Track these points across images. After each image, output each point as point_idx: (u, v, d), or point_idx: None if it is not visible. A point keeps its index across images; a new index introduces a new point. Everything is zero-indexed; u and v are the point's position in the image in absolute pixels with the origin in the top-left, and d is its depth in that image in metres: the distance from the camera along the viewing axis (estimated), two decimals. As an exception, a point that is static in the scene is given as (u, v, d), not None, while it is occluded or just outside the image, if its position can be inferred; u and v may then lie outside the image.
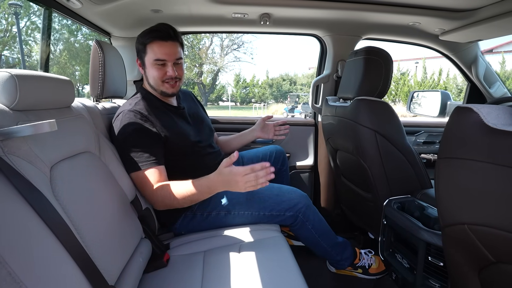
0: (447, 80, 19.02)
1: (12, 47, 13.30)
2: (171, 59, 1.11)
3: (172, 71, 1.12)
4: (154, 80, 1.13)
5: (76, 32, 14.66)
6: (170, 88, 1.15)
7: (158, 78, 1.12)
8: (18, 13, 9.44)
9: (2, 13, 12.72)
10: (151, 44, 1.09)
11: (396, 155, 1.13)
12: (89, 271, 0.62)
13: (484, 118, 0.50)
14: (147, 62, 1.12)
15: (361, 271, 1.36)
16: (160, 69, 1.11)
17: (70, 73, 15.08)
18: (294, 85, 29.35)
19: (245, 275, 0.88)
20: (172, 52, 1.11)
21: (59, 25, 14.45)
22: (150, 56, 1.10)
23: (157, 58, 1.10)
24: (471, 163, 0.52)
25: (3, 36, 12.95)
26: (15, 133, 0.58)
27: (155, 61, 1.10)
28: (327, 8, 1.41)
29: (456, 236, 0.59)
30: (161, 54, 1.10)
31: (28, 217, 0.55)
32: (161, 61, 1.10)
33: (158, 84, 1.14)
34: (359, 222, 1.51)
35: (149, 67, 1.12)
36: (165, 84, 1.14)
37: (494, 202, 0.50)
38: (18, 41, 12.64)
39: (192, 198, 1.00)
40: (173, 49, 1.11)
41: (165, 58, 1.10)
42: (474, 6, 1.29)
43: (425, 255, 0.88)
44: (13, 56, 13.65)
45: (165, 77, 1.12)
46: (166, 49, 1.10)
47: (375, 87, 1.16)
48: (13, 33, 12.97)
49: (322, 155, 1.83)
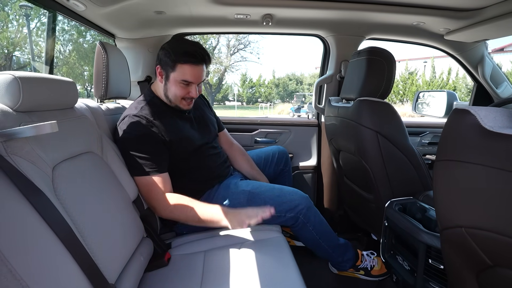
0: (456, 79, 18.72)
1: (23, 47, 13.57)
2: (198, 82, 1.13)
3: (195, 92, 1.14)
4: (174, 96, 1.14)
5: (85, 33, 14.87)
6: (187, 106, 1.17)
7: (180, 96, 1.13)
8: (28, 14, 9.62)
9: (13, 14, 12.99)
10: (183, 65, 1.08)
11: (398, 156, 1.12)
12: (89, 270, 0.64)
13: (481, 121, 0.50)
14: (173, 78, 1.11)
15: (363, 272, 1.35)
16: (184, 88, 1.12)
17: (79, 73, 15.32)
18: (301, 84, 29.27)
19: (244, 275, 0.88)
20: (200, 76, 1.12)
21: (68, 26, 14.69)
22: (179, 75, 1.10)
23: (185, 79, 1.10)
24: (468, 166, 0.52)
25: (14, 37, 13.22)
26: (17, 134, 0.60)
27: (182, 81, 1.11)
28: (330, 9, 1.40)
29: (454, 239, 0.59)
30: (190, 76, 1.10)
31: (29, 216, 0.56)
32: (188, 82, 1.11)
33: (176, 100, 1.15)
34: (361, 224, 1.51)
35: (173, 83, 1.11)
36: (183, 101, 1.15)
37: (491, 205, 0.49)
38: (28, 42, 12.88)
39: (203, 219, 1.04)
40: (202, 72, 1.12)
41: (193, 81, 1.12)
42: (480, 5, 1.27)
43: (426, 258, 0.87)
44: (24, 56, 13.92)
45: (187, 96, 1.14)
46: (196, 72, 1.11)
47: (378, 88, 1.15)
48: (23, 34, 13.23)
49: (325, 155, 1.83)
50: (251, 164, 1.45)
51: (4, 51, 12.92)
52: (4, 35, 12.70)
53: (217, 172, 1.26)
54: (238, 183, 1.23)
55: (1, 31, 12.76)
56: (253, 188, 1.20)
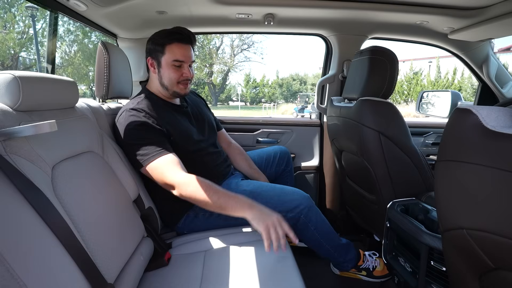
0: (461, 79, 18.55)
1: (29, 48, 13.72)
2: (188, 61, 1.17)
3: (188, 72, 1.18)
4: (169, 81, 1.17)
5: (90, 34, 15.00)
6: (184, 89, 1.20)
7: (175, 78, 1.16)
8: (34, 15, 9.72)
9: (19, 15, 13.14)
10: (171, 45, 1.14)
11: (401, 157, 1.10)
12: (88, 269, 0.64)
13: (483, 120, 0.49)
14: (164, 62, 1.15)
15: (365, 273, 1.34)
16: (177, 70, 1.16)
17: (83, 74, 15.45)
18: (304, 85, 29.21)
19: (243, 275, 0.88)
20: (190, 55, 1.17)
21: (73, 27, 14.83)
22: (169, 56, 1.14)
23: (177, 59, 1.14)
24: (470, 166, 0.51)
25: (21, 38, 13.37)
26: (17, 133, 0.60)
27: (173, 62, 1.14)
28: (332, 8, 1.39)
29: (455, 241, 0.58)
30: (180, 55, 1.14)
31: (28, 215, 0.56)
32: (179, 62, 1.15)
33: (173, 85, 1.17)
34: (364, 224, 1.49)
35: (165, 67, 1.16)
36: (180, 85, 1.18)
37: (493, 207, 0.48)
38: (34, 42, 13.04)
39: (216, 197, 0.96)
40: (190, 52, 1.17)
41: (184, 60, 1.15)
42: (484, 4, 1.26)
43: (428, 260, 0.86)
44: (30, 57, 14.08)
45: (181, 78, 1.17)
46: (185, 51, 1.15)
47: (380, 88, 1.14)
48: (29, 35, 13.38)
49: (327, 156, 1.82)
50: (250, 163, 1.45)
51: (10, 51, 13.08)
52: (10, 36, 12.86)
53: (217, 171, 1.26)
54: (239, 183, 1.23)
55: (7, 32, 12.91)
56: (254, 188, 1.19)
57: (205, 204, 0.98)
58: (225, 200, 0.97)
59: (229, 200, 0.97)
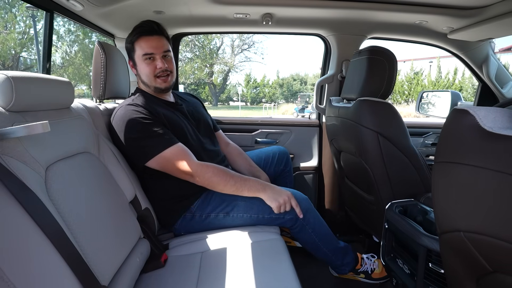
0: (462, 79, 18.50)
1: (29, 48, 13.74)
2: (159, 51, 1.15)
3: (161, 63, 1.15)
4: (146, 76, 1.17)
5: (90, 34, 15.01)
6: (163, 83, 1.18)
7: (150, 73, 1.16)
8: (35, 15, 9.74)
9: (20, 16, 13.16)
10: (138, 41, 1.14)
11: (399, 158, 1.10)
12: (81, 271, 0.63)
13: (480, 121, 0.48)
14: (137, 59, 1.16)
15: (364, 276, 1.33)
16: (150, 64, 1.15)
17: (84, 74, 15.46)
18: (305, 85, 29.21)
19: (239, 276, 0.87)
20: (159, 45, 1.15)
21: (74, 27, 14.84)
22: (139, 52, 1.15)
23: (145, 52, 1.14)
24: (467, 168, 0.50)
25: (22, 38, 13.38)
26: (8, 134, 0.59)
27: (143, 56, 1.14)
28: (331, 7, 1.38)
29: (452, 244, 0.57)
30: (148, 48, 1.14)
31: (19, 217, 0.56)
32: (149, 55, 1.14)
33: (151, 80, 1.17)
34: (363, 225, 1.49)
35: (139, 63, 1.16)
36: (157, 79, 1.17)
37: (490, 209, 0.47)
38: (35, 43, 13.04)
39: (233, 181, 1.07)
40: (159, 42, 1.15)
41: (153, 52, 1.14)
42: (484, 3, 1.25)
43: (426, 262, 0.85)
44: (31, 57, 14.10)
45: (156, 71, 1.16)
46: (152, 43, 1.14)
47: (379, 88, 1.13)
48: (30, 35, 13.39)
49: (326, 156, 1.81)
50: (250, 162, 1.44)
51: (11, 52, 13.10)
52: (11, 36, 12.87)
53: None
54: (237, 184, 1.22)
55: (8, 32, 12.93)
56: (252, 189, 1.18)
57: (223, 189, 1.07)
58: (241, 184, 1.07)
59: (245, 183, 1.08)
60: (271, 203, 1.07)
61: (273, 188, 1.09)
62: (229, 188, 1.07)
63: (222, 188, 1.07)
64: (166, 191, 1.15)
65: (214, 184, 1.07)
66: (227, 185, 1.06)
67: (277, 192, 1.08)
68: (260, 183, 1.10)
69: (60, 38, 15.20)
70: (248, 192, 1.08)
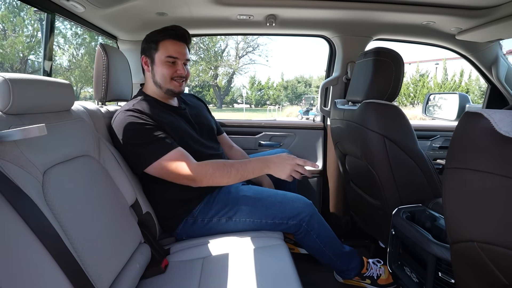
0: (469, 81, 18.32)
1: (37, 51, 13.94)
2: (182, 58, 1.16)
3: (182, 69, 1.16)
4: (162, 77, 1.15)
5: (97, 37, 15.19)
6: (178, 87, 1.18)
7: (168, 75, 1.15)
8: (42, 19, 9.87)
9: (28, 19, 13.37)
10: (164, 42, 1.13)
11: (407, 162, 1.06)
12: (77, 279, 0.61)
13: (496, 125, 0.45)
14: (158, 58, 1.14)
15: (370, 281, 1.29)
16: (170, 67, 1.15)
17: (90, 76, 15.65)
18: (309, 87, 29.18)
19: (241, 283, 0.85)
20: (184, 52, 1.16)
21: (81, 30, 15.03)
22: (162, 52, 1.13)
23: (170, 55, 1.13)
24: (481, 175, 0.47)
25: (29, 41, 13.59)
26: (4, 138, 0.58)
27: (167, 58, 1.13)
28: (336, 8, 1.36)
29: (465, 254, 0.54)
30: (174, 51, 1.14)
31: (13, 223, 0.54)
32: (173, 58, 1.14)
33: (166, 82, 1.15)
34: (368, 230, 1.45)
35: (159, 63, 1.15)
36: (173, 82, 1.16)
37: (507, 219, 0.44)
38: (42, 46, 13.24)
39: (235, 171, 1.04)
40: (185, 49, 1.17)
41: (178, 56, 1.14)
42: (493, 3, 1.21)
43: (435, 271, 0.82)
44: (38, 60, 14.30)
45: (175, 74, 1.15)
46: (179, 48, 1.15)
47: (385, 90, 1.11)
48: (38, 38, 13.58)
49: (331, 159, 1.78)
50: None
51: (19, 55, 13.30)
52: (19, 39, 13.07)
53: None
54: (240, 188, 1.20)
55: (17, 36, 13.13)
56: (255, 193, 1.16)
57: (228, 180, 1.05)
58: (243, 170, 1.05)
59: (246, 167, 1.05)
60: (279, 176, 1.04)
61: (274, 162, 1.05)
62: (234, 177, 1.04)
63: (227, 180, 1.05)
64: (168, 195, 1.13)
65: (219, 179, 1.04)
66: (231, 175, 1.04)
67: (279, 164, 1.04)
68: (261, 160, 1.07)
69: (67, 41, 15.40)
70: (253, 174, 1.06)
